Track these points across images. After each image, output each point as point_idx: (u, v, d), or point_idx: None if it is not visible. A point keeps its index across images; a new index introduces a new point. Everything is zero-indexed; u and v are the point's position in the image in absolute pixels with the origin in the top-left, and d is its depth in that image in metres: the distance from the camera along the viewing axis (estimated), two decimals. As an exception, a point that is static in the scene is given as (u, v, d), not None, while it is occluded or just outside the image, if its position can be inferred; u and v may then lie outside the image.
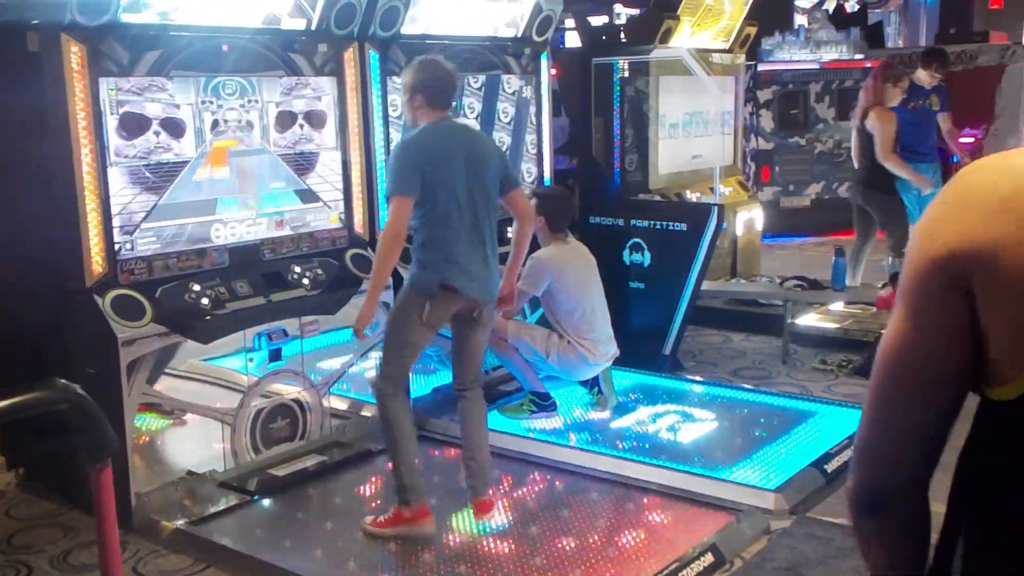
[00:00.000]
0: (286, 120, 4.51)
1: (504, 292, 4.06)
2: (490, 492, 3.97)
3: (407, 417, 3.86)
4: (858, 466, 1.11)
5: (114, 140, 3.89)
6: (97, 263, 3.87)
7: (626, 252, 6.07)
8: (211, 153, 4.24)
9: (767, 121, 10.60)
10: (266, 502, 4.17)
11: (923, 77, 7.50)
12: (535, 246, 5.05)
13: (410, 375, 4.13)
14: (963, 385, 1.01)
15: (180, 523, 3.91)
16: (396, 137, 4.93)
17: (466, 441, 3.98)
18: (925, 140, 7.44)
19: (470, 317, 3.90)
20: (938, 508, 1.16)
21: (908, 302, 0.98)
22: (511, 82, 5.63)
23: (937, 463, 1.09)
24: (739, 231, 7.74)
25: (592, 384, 5.09)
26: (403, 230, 3.68)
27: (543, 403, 4.99)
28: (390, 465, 3.88)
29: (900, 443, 1.06)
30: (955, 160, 8.16)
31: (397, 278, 4.16)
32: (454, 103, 3.99)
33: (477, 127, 5.25)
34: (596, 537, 3.79)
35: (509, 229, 4.24)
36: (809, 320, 6.68)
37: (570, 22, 10.48)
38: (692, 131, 7.73)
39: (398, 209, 3.67)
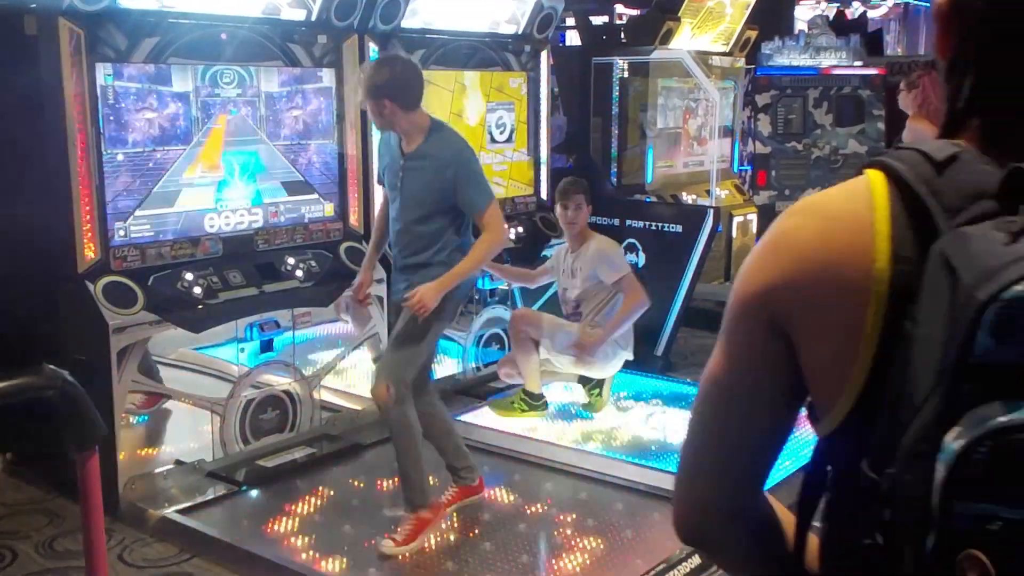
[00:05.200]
0: (283, 110, 4.50)
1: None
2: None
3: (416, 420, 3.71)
4: (677, 500, 1.10)
5: (110, 126, 3.88)
6: (90, 249, 3.84)
7: (621, 252, 6.05)
8: (207, 141, 4.22)
9: (764, 125, 10.60)
10: (254, 493, 4.16)
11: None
12: (531, 242, 5.03)
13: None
14: (775, 417, 1.03)
15: (167, 512, 3.89)
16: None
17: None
18: None
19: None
20: None
21: (725, 341, 1.00)
22: (510, 79, 5.61)
23: (760, 487, 1.10)
24: (734, 234, 7.75)
25: (593, 384, 5.06)
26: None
27: (534, 402, 4.98)
28: (399, 477, 3.73)
29: (717, 475, 1.07)
30: None
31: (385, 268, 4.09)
32: None
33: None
34: (584, 537, 3.78)
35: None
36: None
37: (571, 20, 10.46)
38: (690, 133, 7.72)
39: (500, 214, 3.73)
